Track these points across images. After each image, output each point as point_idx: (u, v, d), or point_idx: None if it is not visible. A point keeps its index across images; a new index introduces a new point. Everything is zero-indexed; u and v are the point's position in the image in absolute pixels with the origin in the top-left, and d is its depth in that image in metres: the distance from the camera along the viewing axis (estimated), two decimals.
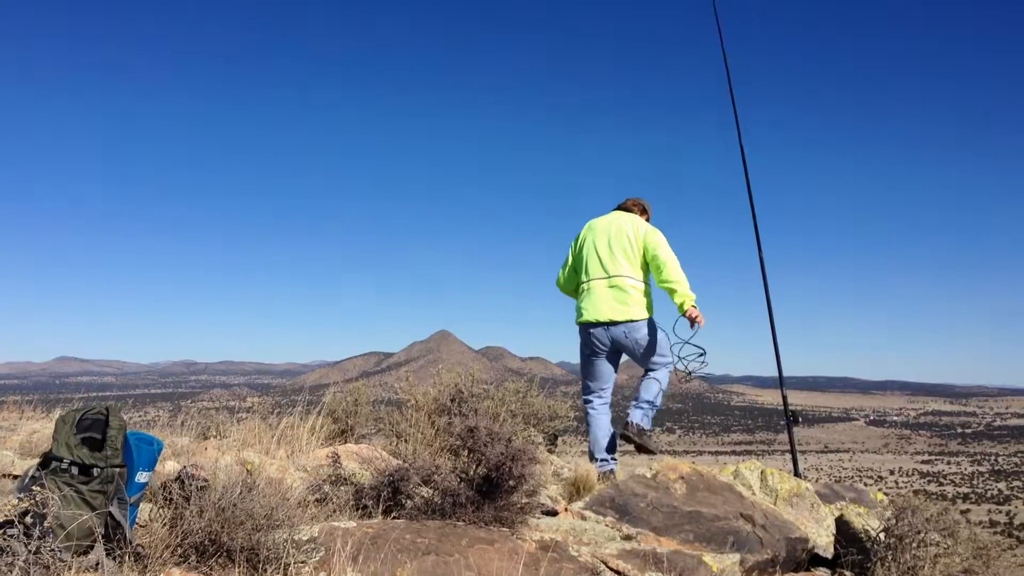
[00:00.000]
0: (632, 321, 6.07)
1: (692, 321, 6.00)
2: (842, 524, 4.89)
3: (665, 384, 6.22)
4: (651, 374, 6.20)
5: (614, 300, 6.09)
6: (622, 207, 6.52)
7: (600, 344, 6.19)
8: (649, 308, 6.18)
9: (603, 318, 6.11)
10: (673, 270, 6.02)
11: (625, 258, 6.15)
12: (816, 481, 6.76)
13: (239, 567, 3.11)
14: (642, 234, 6.17)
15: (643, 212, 6.51)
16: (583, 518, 4.78)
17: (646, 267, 6.21)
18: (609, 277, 6.14)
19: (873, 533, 4.57)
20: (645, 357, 6.18)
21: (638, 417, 6.03)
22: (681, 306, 6.00)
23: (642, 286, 6.17)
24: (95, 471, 2.95)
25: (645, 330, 6.11)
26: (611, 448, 6.18)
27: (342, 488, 4.48)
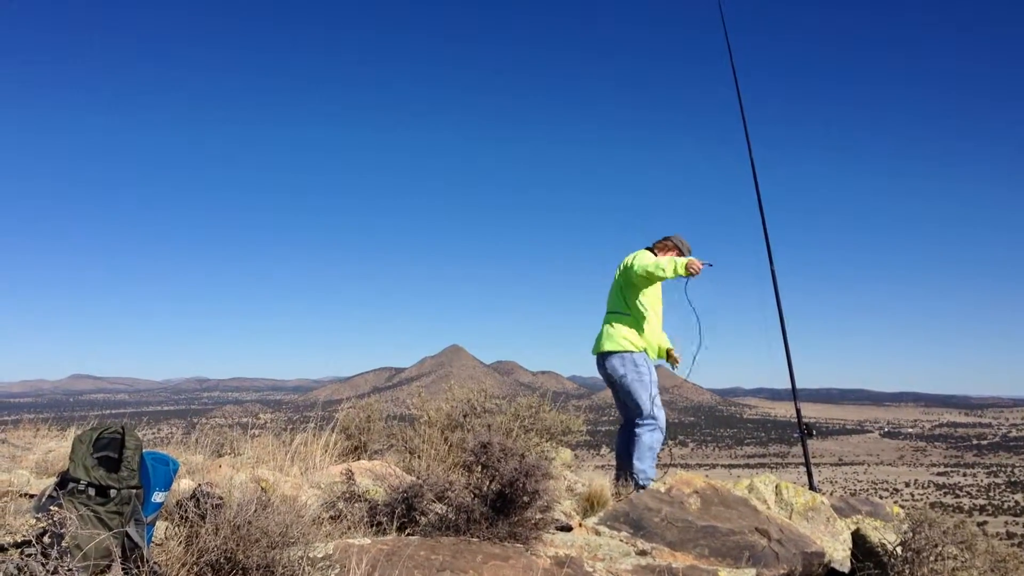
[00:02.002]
0: (608, 352, 6.24)
1: (691, 273, 5.99)
2: (858, 538, 4.87)
3: (649, 439, 6.16)
4: (635, 429, 6.20)
5: (603, 334, 6.34)
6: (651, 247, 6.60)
7: (600, 375, 6.43)
8: (629, 340, 6.20)
9: (595, 350, 6.43)
10: (645, 263, 6.05)
11: (618, 291, 6.34)
12: (831, 494, 6.72)
13: None
14: (629, 260, 6.28)
15: (670, 251, 6.52)
16: (597, 533, 4.77)
17: (634, 291, 6.27)
18: (606, 314, 6.41)
19: (890, 547, 4.55)
20: (621, 396, 6.28)
21: (642, 479, 6.05)
22: (675, 272, 5.98)
23: (627, 317, 6.26)
24: (112, 492, 2.97)
25: (617, 361, 6.19)
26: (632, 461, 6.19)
27: (356, 505, 4.48)
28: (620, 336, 6.20)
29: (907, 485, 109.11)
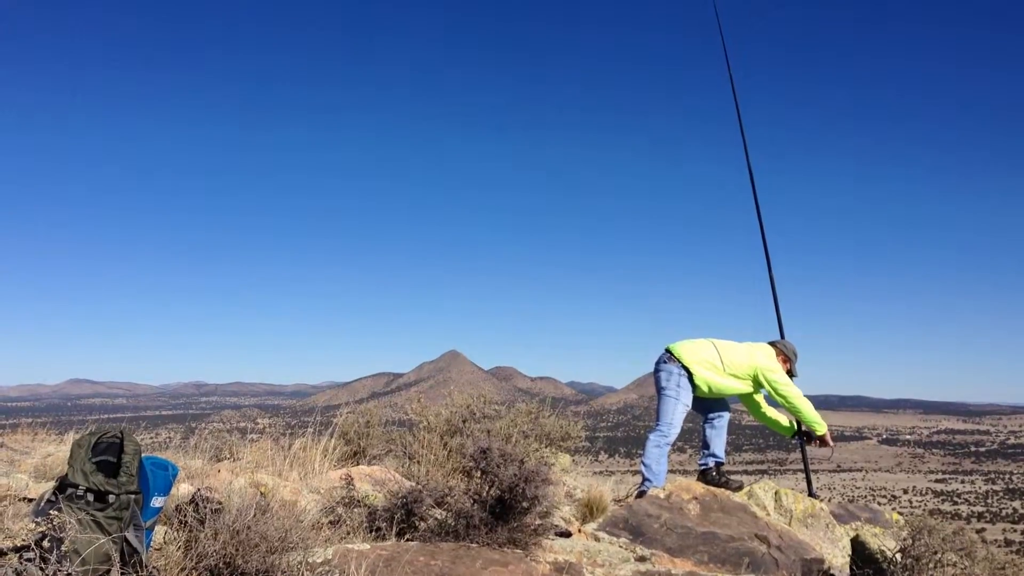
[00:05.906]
0: (677, 360, 6.31)
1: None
2: (858, 545, 4.87)
3: (652, 441, 6.27)
4: (649, 432, 6.37)
5: (692, 348, 6.38)
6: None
7: (655, 367, 6.54)
8: (699, 371, 6.27)
9: (672, 347, 6.44)
10: (798, 402, 6.39)
11: (736, 355, 6.38)
12: (830, 501, 6.72)
13: None
14: (773, 375, 6.37)
15: (777, 356, 6.58)
16: (597, 539, 4.77)
17: (743, 380, 6.38)
18: (715, 347, 6.42)
19: (889, 554, 4.55)
20: (658, 400, 6.40)
21: (644, 470, 6.20)
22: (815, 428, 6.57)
23: (719, 369, 6.33)
24: (111, 498, 2.96)
25: (676, 373, 6.28)
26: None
27: (355, 510, 4.48)
28: (700, 366, 6.28)
29: (905, 492, 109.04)
